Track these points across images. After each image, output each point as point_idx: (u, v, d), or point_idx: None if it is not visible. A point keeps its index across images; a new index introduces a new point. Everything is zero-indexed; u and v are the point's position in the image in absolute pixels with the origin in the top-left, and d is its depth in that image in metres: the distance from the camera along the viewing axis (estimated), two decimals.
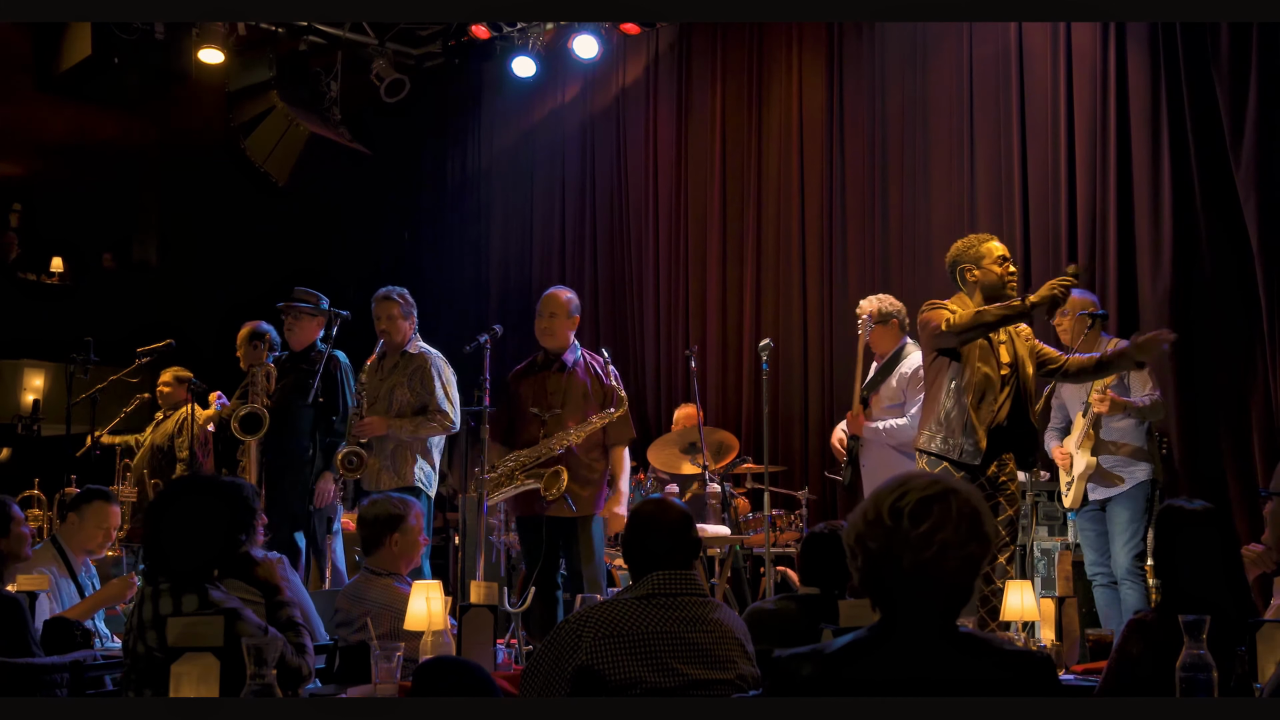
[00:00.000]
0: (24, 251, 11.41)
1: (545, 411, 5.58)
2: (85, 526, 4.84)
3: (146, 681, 2.92)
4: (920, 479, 2.05)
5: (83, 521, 4.84)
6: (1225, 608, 2.87)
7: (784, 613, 3.75)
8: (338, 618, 4.05)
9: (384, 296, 6.05)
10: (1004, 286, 4.65)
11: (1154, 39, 6.43)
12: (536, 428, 5.56)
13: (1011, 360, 4.64)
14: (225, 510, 3.08)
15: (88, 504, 4.86)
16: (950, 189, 7.39)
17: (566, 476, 5.37)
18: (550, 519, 5.52)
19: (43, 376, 10.96)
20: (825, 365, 7.87)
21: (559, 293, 5.75)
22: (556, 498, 5.36)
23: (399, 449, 5.89)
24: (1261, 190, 5.95)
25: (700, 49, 8.75)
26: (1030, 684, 1.96)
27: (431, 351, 6.03)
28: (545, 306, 5.70)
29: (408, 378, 5.93)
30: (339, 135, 9.43)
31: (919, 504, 2.01)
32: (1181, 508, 3.10)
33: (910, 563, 1.99)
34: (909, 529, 2.00)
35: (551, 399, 5.60)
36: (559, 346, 5.65)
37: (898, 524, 2.01)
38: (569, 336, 5.68)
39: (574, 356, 5.68)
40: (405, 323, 6.02)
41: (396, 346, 6.02)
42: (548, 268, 9.45)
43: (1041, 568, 6.09)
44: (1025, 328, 4.78)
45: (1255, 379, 6.09)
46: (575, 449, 5.51)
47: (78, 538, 4.84)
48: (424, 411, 5.89)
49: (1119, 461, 5.60)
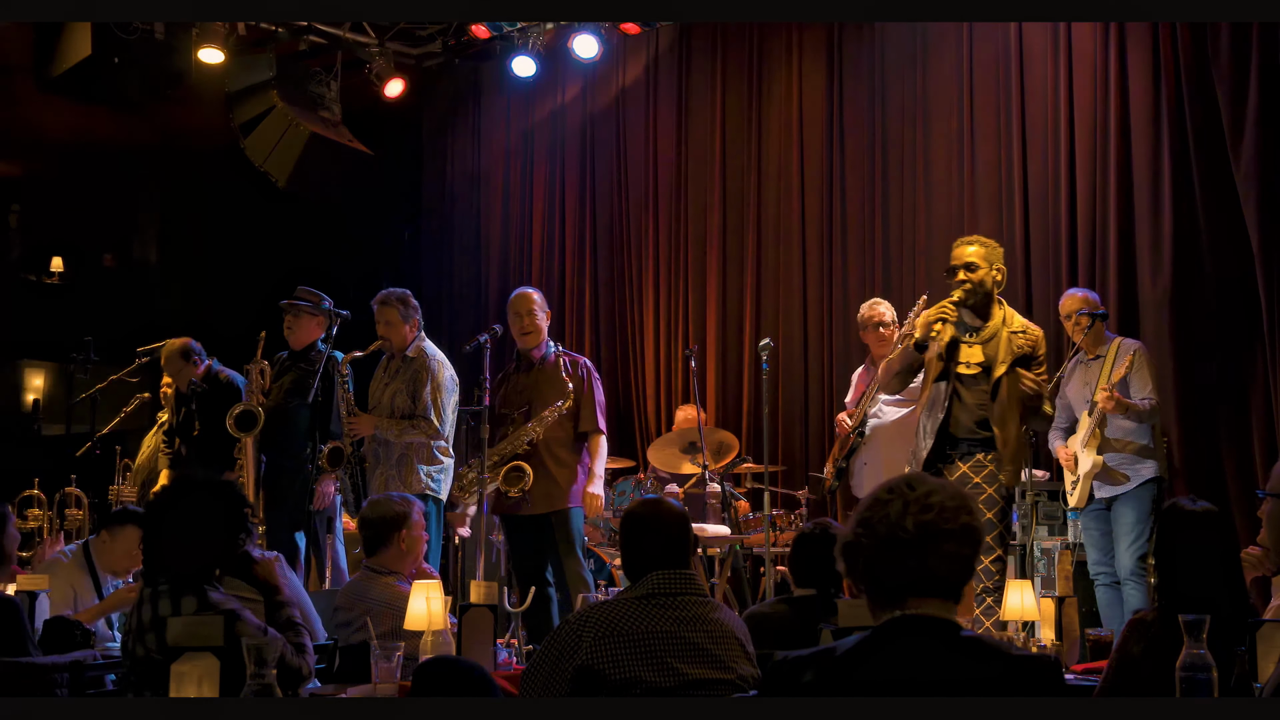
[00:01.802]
0: (24, 251, 11.41)
1: (514, 410, 5.62)
2: (115, 549, 4.80)
3: (146, 683, 2.92)
4: (912, 481, 2.08)
5: (114, 542, 4.80)
6: (1226, 608, 2.87)
7: (779, 616, 3.74)
8: (338, 617, 4.05)
9: (382, 301, 6.03)
10: (949, 297, 4.81)
11: (1154, 39, 6.43)
12: (507, 427, 5.63)
13: (984, 360, 4.73)
14: (224, 511, 3.08)
15: (121, 526, 4.81)
16: (950, 189, 7.38)
17: (529, 473, 5.40)
18: (527, 517, 5.54)
19: (43, 376, 10.97)
20: (825, 365, 7.86)
21: (529, 292, 5.80)
22: (518, 496, 5.40)
23: (404, 457, 5.86)
24: (1261, 190, 5.95)
25: (700, 49, 8.74)
26: (1037, 687, 1.96)
27: (433, 355, 5.98)
28: (520, 306, 5.71)
29: (405, 382, 5.92)
30: (339, 135, 9.42)
31: (911, 506, 2.03)
32: (1184, 508, 3.10)
33: (904, 562, 2.02)
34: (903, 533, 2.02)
35: (520, 397, 5.64)
36: (537, 344, 5.68)
37: (892, 529, 2.03)
38: (543, 334, 5.73)
39: (543, 354, 5.70)
40: (405, 326, 5.99)
41: (398, 350, 6.00)
42: (548, 268, 9.45)
43: (1041, 567, 6.09)
44: (1023, 324, 4.81)
45: (1255, 379, 6.09)
46: (544, 444, 5.54)
47: (106, 559, 4.82)
48: (414, 416, 5.88)
49: (1125, 459, 5.60)
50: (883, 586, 2.06)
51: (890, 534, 2.03)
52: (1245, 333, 6.14)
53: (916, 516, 2.02)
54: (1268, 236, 5.94)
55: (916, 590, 2.02)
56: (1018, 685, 1.95)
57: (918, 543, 2.01)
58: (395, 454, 5.86)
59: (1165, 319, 6.28)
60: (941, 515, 2.02)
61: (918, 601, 2.02)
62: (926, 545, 2.01)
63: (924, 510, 2.02)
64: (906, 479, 2.10)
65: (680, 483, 7.31)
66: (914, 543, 2.02)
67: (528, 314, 5.69)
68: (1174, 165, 6.32)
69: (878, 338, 6.19)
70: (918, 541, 2.01)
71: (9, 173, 11.13)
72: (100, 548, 4.83)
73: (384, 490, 5.77)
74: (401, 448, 5.85)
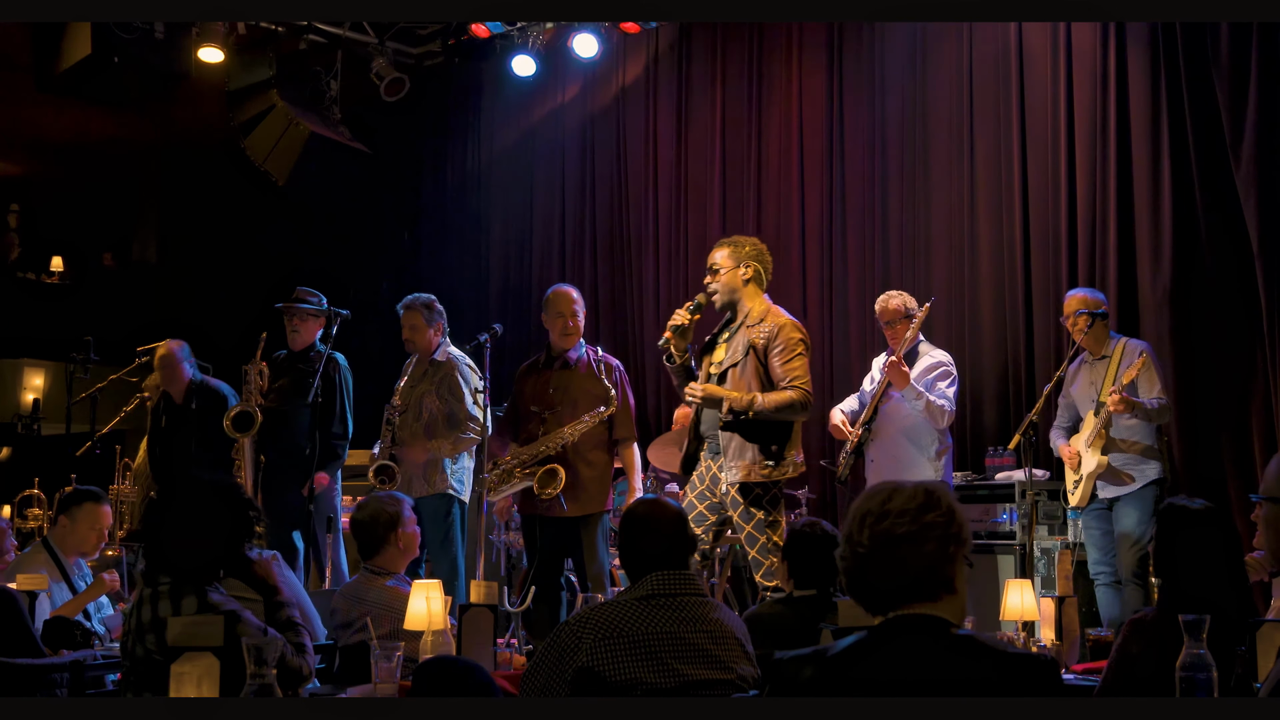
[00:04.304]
0: (24, 251, 11.43)
1: (545, 409, 5.58)
2: (77, 529, 4.81)
3: (146, 684, 2.92)
4: (875, 491, 2.11)
5: (74, 524, 4.82)
6: (1226, 607, 2.87)
7: (779, 616, 3.74)
8: (335, 619, 4.04)
9: (407, 306, 6.06)
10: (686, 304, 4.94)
11: (1154, 39, 6.43)
12: (536, 425, 5.58)
13: (724, 360, 4.81)
14: (227, 511, 3.09)
15: (78, 506, 4.83)
16: (950, 189, 7.38)
17: (563, 476, 5.37)
18: (554, 519, 5.52)
19: (43, 376, 10.98)
20: (825, 365, 7.86)
21: (570, 291, 5.75)
22: (551, 497, 5.37)
23: (431, 457, 5.86)
24: (1261, 190, 5.95)
25: (700, 49, 8.74)
26: (1033, 687, 1.97)
27: (458, 357, 6.01)
28: (564, 305, 5.67)
29: (435, 386, 5.93)
30: (339, 135, 9.42)
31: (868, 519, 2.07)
32: (1183, 507, 3.09)
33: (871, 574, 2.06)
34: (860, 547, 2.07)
35: (551, 396, 5.60)
36: (575, 344, 5.66)
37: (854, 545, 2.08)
38: (581, 333, 5.70)
39: (578, 354, 5.67)
40: (430, 331, 6.01)
41: (424, 354, 6.01)
42: (548, 268, 9.44)
43: (1041, 567, 6.09)
44: (763, 315, 4.81)
45: (1255, 379, 6.09)
46: (575, 447, 5.50)
47: (70, 540, 4.82)
48: (452, 419, 5.88)
49: (1130, 460, 5.60)
50: (867, 599, 2.10)
51: (854, 551, 2.08)
52: (1245, 333, 6.14)
53: (872, 529, 2.05)
54: (1268, 236, 5.93)
55: (896, 598, 2.05)
56: (1012, 684, 1.95)
57: (877, 554, 2.05)
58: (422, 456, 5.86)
59: (1165, 319, 6.28)
60: (897, 521, 2.04)
61: (904, 607, 2.05)
62: (885, 554, 2.04)
63: (879, 520, 2.06)
64: (871, 490, 2.13)
65: (680, 483, 7.30)
66: (873, 555, 2.05)
67: (571, 315, 5.65)
68: (1174, 165, 6.31)
69: (891, 332, 6.13)
70: (877, 552, 2.05)
71: (9, 172, 11.14)
72: (61, 533, 4.84)
73: (409, 489, 5.75)
74: (429, 449, 5.85)
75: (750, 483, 4.68)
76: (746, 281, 4.84)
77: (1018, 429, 5.73)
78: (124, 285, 11.35)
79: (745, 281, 4.84)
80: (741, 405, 4.62)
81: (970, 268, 7.22)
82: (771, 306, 4.87)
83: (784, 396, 4.66)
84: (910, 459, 5.79)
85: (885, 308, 6.01)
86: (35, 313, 10.84)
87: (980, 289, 7.16)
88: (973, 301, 7.18)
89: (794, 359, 4.70)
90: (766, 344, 4.72)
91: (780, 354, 4.70)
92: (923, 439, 5.81)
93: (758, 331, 4.74)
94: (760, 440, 4.68)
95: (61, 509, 4.93)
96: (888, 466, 5.81)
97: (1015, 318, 6.95)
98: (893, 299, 6.02)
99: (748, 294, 4.86)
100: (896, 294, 6.08)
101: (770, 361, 4.71)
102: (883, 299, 6.08)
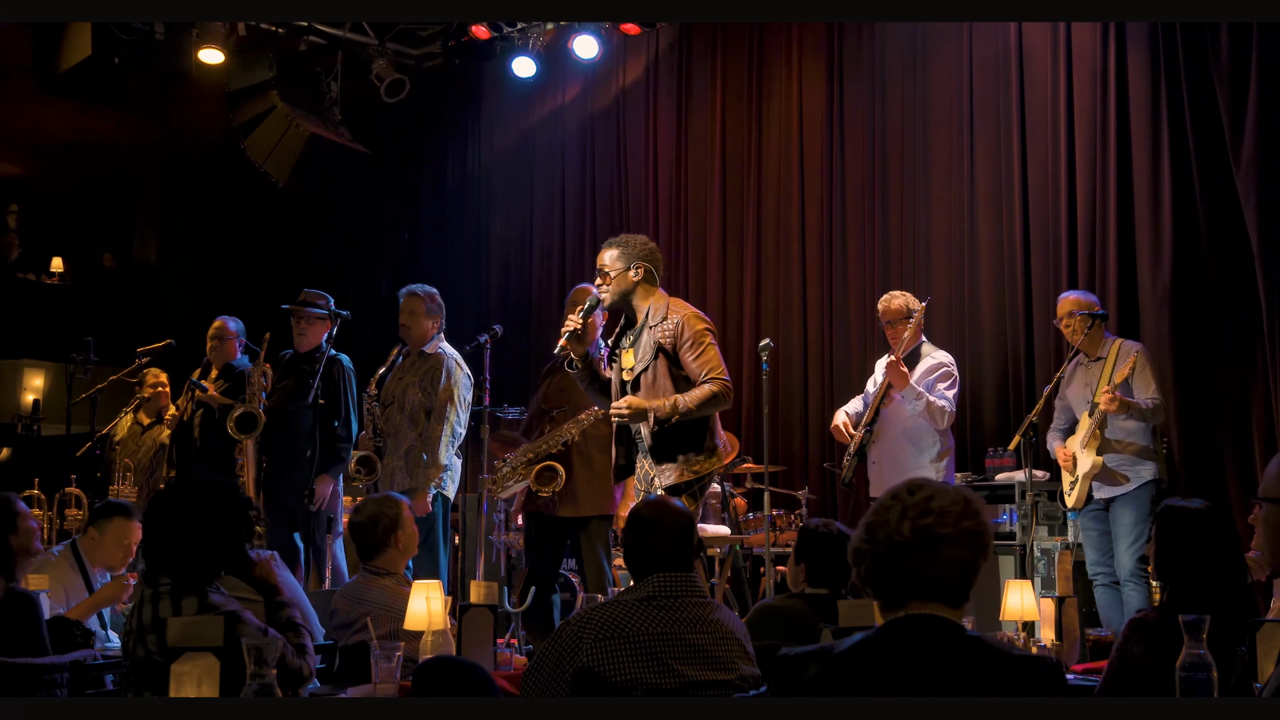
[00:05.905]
0: (24, 251, 11.42)
1: (555, 408, 5.60)
2: (105, 543, 4.76)
3: (146, 685, 2.92)
4: (913, 487, 2.10)
5: (103, 538, 4.77)
6: (1227, 607, 2.87)
7: (792, 610, 3.74)
8: (335, 619, 4.04)
9: (410, 292, 6.03)
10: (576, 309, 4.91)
11: (1154, 39, 6.43)
12: (546, 423, 5.61)
13: (631, 364, 4.75)
14: (227, 512, 3.09)
15: (108, 519, 4.78)
16: (950, 189, 7.38)
17: (562, 474, 5.38)
18: (553, 518, 5.52)
19: (43, 376, 10.97)
20: (825, 365, 7.86)
21: (593, 289, 5.72)
22: (548, 496, 5.38)
23: (412, 449, 5.86)
24: (1261, 190, 5.95)
25: (700, 49, 8.75)
26: (1038, 687, 1.97)
27: (449, 354, 5.97)
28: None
29: (419, 378, 5.91)
30: (339, 135, 9.42)
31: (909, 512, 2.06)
32: (1182, 507, 3.10)
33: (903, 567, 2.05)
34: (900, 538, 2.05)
35: (561, 395, 5.61)
36: (591, 344, 5.64)
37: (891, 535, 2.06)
38: (598, 333, 5.63)
39: (594, 354, 5.67)
40: (427, 321, 5.97)
41: (415, 345, 5.99)
42: (548, 268, 9.45)
43: (1041, 568, 6.09)
44: (663, 313, 4.72)
45: (1255, 379, 6.09)
46: (578, 446, 5.51)
47: (98, 553, 4.79)
48: (431, 413, 5.88)
49: (1125, 461, 5.60)
50: (886, 591, 2.08)
51: (889, 540, 2.06)
52: (1245, 333, 6.14)
53: (914, 522, 2.04)
54: (1268, 236, 5.93)
55: (919, 594, 2.05)
56: (1018, 685, 1.96)
57: (916, 548, 2.04)
58: (403, 447, 5.86)
59: (1165, 319, 6.28)
60: (941, 520, 2.03)
61: (921, 604, 2.05)
62: (924, 550, 2.03)
63: (922, 515, 2.04)
64: (909, 484, 2.11)
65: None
66: (912, 548, 2.04)
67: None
68: (1174, 165, 6.31)
69: (892, 332, 6.11)
70: (916, 547, 2.04)
71: (9, 172, 11.14)
72: (89, 544, 4.81)
73: (390, 481, 5.77)
74: (410, 441, 5.84)
75: (681, 482, 4.63)
76: (638, 282, 4.74)
77: (1017, 430, 5.73)
78: (124, 285, 11.35)
79: (636, 283, 4.74)
80: (665, 413, 4.55)
81: (970, 268, 7.22)
82: (670, 300, 4.76)
83: (705, 392, 4.59)
84: (911, 461, 5.79)
85: (888, 308, 6.00)
86: (35, 313, 10.84)
87: (980, 289, 7.16)
88: (972, 302, 7.18)
89: (704, 351, 4.63)
90: (674, 341, 4.65)
91: (690, 349, 4.63)
92: (924, 441, 5.81)
93: (662, 330, 4.66)
94: (687, 439, 4.63)
95: (92, 520, 4.90)
96: (889, 468, 5.81)
97: (1015, 318, 6.95)
98: (895, 299, 6.02)
99: (640, 294, 4.75)
100: (899, 294, 6.06)
101: (683, 358, 4.63)
102: (885, 299, 6.07)
